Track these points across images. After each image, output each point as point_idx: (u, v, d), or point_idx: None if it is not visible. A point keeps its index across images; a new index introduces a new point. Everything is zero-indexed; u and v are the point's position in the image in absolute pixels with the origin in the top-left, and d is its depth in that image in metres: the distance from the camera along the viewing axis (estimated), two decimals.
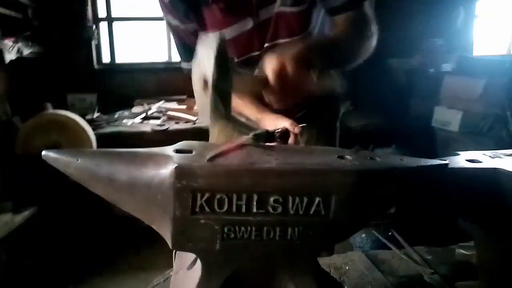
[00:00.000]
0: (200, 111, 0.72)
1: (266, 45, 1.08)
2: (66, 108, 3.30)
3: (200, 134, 2.85)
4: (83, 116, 3.16)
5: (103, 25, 3.61)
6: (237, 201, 0.65)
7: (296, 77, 0.76)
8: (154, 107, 3.29)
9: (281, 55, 0.77)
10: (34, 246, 2.29)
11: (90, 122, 3.02)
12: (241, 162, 0.68)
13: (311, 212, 0.67)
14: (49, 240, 2.38)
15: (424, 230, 1.56)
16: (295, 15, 1.02)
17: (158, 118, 3.16)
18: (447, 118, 2.84)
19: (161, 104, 3.40)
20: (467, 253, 1.19)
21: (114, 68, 3.65)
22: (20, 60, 2.78)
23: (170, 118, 3.15)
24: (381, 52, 1.08)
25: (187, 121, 3.05)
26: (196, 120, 3.03)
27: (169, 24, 1.15)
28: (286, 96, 0.80)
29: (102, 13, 3.58)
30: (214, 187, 0.64)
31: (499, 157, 0.96)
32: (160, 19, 3.59)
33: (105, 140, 2.72)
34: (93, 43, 3.47)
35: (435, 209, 1.05)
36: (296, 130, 0.91)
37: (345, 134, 1.50)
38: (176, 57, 3.78)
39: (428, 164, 0.78)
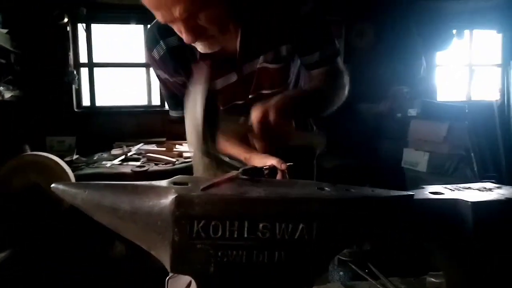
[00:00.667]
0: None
1: (250, 96, 1.18)
2: (45, 150, 3.31)
3: (179, 174, 2.92)
4: (61, 157, 3.17)
5: (84, 70, 3.70)
6: (230, 227, 0.73)
7: (277, 125, 0.87)
8: (134, 149, 3.33)
9: (264, 105, 0.88)
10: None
11: (69, 163, 3.02)
12: (233, 192, 0.77)
13: (296, 237, 0.76)
14: (25, 282, 2.32)
15: (399, 262, 1.64)
16: (276, 70, 1.12)
17: (137, 159, 3.19)
18: (415, 159, 3.01)
19: (141, 146, 3.45)
20: (436, 281, 1.28)
21: (93, 111, 3.71)
22: (0, 102, 2.81)
23: (150, 159, 3.18)
24: (352, 98, 1.21)
25: (167, 162, 3.10)
26: (175, 161, 3.09)
27: (158, 77, 1.22)
28: (268, 142, 0.90)
29: (83, 58, 3.68)
30: (210, 214, 0.72)
31: (459, 190, 1.08)
32: (140, 65, 3.73)
33: (85, 180, 2.73)
34: (74, 87, 3.54)
35: (404, 237, 1.14)
36: (283, 167, 1.01)
37: (320, 174, 1.61)
38: (155, 101, 3.89)
39: (396, 194, 0.89)
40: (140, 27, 3.77)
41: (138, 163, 3.11)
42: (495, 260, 0.99)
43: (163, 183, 0.82)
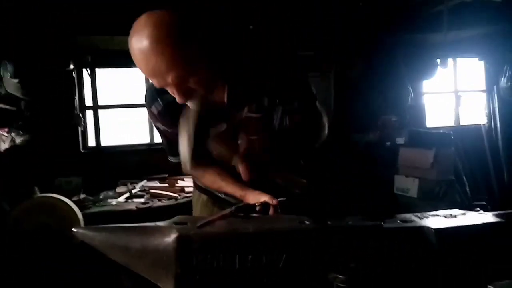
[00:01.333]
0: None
1: (238, 141, 1.34)
2: (53, 191, 3.46)
3: (182, 209, 3.11)
4: (69, 197, 3.31)
5: (89, 113, 3.90)
6: (224, 260, 0.90)
7: (258, 155, 1.04)
8: (138, 186, 3.48)
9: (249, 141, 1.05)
10: None
11: (77, 203, 3.17)
12: (225, 229, 0.94)
13: (280, 265, 0.92)
14: None
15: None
16: (259, 118, 1.26)
17: (142, 196, 3.34)
18: (406, 185, 3.15)
19: (144, 183, 3.60)
20: None
21: (99, 151, 3.88)
22: (11, 147, 2.99)
23: (153, 196, 3.33)
24: (342, 128, 1.38)
25: (170, 197, 3.24)
26: (177, 196, 3.23)
27: (158, 129, 1.36)
28: (249, 169, 1.07)
29: (88, 101, 3.89)
30: (206, 250, 0.89)
31: (426, 217, 1.22)
32: (142, 105, 3.91)
33: (93, 219, 2.87)
34: (80, 129, 3.73)
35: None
36: (274, 202, 1.16)
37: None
38: (157, 139, 4.07)
39: (368, 224, 1.05)
40: None
41: (142, 200, 3.25)
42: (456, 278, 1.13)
43: (167, 223, 0.98)
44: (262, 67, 1.24)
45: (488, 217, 1.20)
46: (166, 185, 3.51)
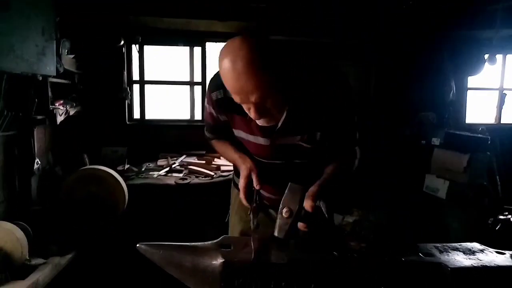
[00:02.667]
0: (281, 228, 1.16)
1: (283, 162, 1.46)
2: (100, 159, 3.74)
3: (217, 187, 3.32)
4: (114, 166, 3.57)
5: (136, 87, 4.10)
6: (261, 284, 1.06)
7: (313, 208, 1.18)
8: (177, 161, 3.70)
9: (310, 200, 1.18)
10: (74, 286, 2.65)
11: (121, 172, 3.42)
12: (263, 259, 1.09)
13: None
14: (87, 281, 2.74)
15: None
16: (309, 149, 1.39)
17: (180, 171, 3.56)
18: (436, 185, 3.20)
19: (183, 158, 3.81)
20: None
21: (143, 124, 4.11)
22: (65, 119, 3.23)
23: (191, 172, 3.54)
24: (380, 120, 1.49)
25: (206, 175, 3.44)
26: (213, 175, 3.43)
27: (207, 109, 1.50)
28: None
29: (136, 76, 4.08)
30: (246, 275, 1.05)
31: (446, 252, 1.33)
32: (185, 83, 4.07)
33: (136, 190, 3.11)
34: (127, 102, 3.94)
35: None
36: (257, 187, 1.32)
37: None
38: (197, 116, 4.24)
39: (391, 260, 1.18)
40: (186, 48, 4.13)
41: (180, 175, 3.47)
42: None
43: (214, 245, 1.15)
44: (320, 106, 1.32)
45: (505, 259, 1.29)
46: (203, 162, 3.70)
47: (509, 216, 3.41)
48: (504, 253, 1.34)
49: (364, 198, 3.37)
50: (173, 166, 3.62)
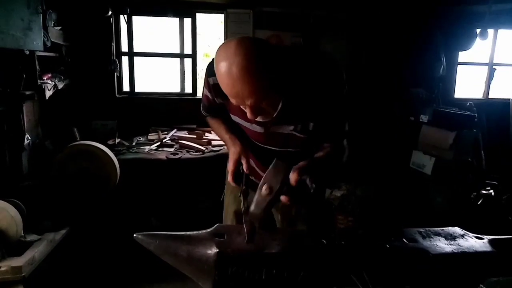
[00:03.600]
0: (257, 205, 1.18)
1: (277, 149, 1.49)
2: (90, 132, 3.73)
3: (208, 163, 3.37)
4: (105, 140, 3.58)
5: (125, 59, 4.03)
6: (253, 272, 1.11)
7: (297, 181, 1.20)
8: (168, 136, 3.71)
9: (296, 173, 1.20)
10: (69, 261, 2.71)
11: (112, 147, 3.43)
12: (255, 249, 1.14)
13: (298, 279, 1.13)
14: (81, 255, 2.80)
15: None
16: (302, 138, 1.42)
17: (171, 146, 3.57)
18: (422, 162, 3.28)
19: (174, 132, 3.82)
20: None
21: (133, 97, 4.07)
22: (54, 93, 3.19)
23: (182, 146, 3.55)
24: (370, 98, 1.52)
25: (197, 150, 3.46)
26: (205, 150, 3.45)
27: (204, 91, 1.52)
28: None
29: (124, 48, 4.01)
30: (239, 264, 1.10)
31: (429, 237, 1.40)
32: (175, 55, 4.01)
33: (127, 165, 3.14)
34: (116, 74, 3.89)
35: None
36: (246, 171, 1.36)
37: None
38: (187, 89, 4.21)
39: (376, 246, 1.24)
40: (176, 20, 4.04)
41: (172, 150, 3.49)
42: None
43: (208, 234, 1.19)
44: (313, 99, 1.34)
45: (483, 244, 1.36)
46: (194, 136, 3.71)
47: (491, 191, 3.53)
48: (483, 238, 1.41)
49: (352, 173, 3.45)
50: (164, 140, 3.63)
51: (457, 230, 1.47)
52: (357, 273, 1.23)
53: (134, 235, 1.16)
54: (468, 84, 4.77)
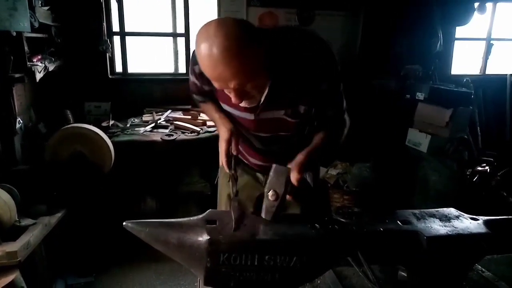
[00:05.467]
0: (267, 211, 1.17)
1: (268, 134, 1.47)
2: (83, 114, 3.69)
3: (203, 144, 3.35)
4: (99, 122, 3.54)
5: (116, 39, 3.94)
6: (245, 258, 1.11)
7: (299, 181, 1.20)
8: (163, 117, 3.67)
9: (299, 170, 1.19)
10: (65, 241, 2.73)
11: (106, 129, 3.40)
12: (248, 234, 1.12)
13: (291, 265, 1.13)
14: (77, 236, 2.81)
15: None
16: (293, 122, 1.39)
17: (166, 127, 3.54)
18: (418, 139, 3.27)
19: (169, 113, 3.78)
20: (405, 275, 1.64)
21: (126, 78, 4.00)
22: (45, 75, 3.13)
23: (177, 127, 3.52)
24: (365, 73, 1.49)
25: (192, 131, 3.43)
26: (200, 130, 3.42)
27: (192, 79, 1.49)
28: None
29: (115, 28, 3.91)
30: (231, 250, 1.09)
31: (423, 219, 1.39)
32: (168, 34, 3.93)
33: (122, 147, 3.11)
34: (108, 55, 3.81)
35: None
36: (234, 152, 1.34)
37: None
38: (181, 69, 4.14)
39: (370, 230, 1.23)
40: None
41: (166, 131, 3.46)
42: (443, 279, 1.33)
43: (199, 221, 1.18)
44: (304, 82, 1.30)
45: (478, 225, 1.35)
46: (189, 117, 3.68)
47: (486, 168, 3.53)
48: (478, 219, 1.40)
49: (348, 151, 3.43)
50: (158, 121, 3.60)
51: (452, 211, 1.46)
52: (352, 254, 1.23)
53: (124, 223, 1.14)
54: (464, 60, 4.71)
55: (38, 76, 2.97)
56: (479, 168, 3.49)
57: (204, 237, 1.08)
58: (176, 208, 3.54)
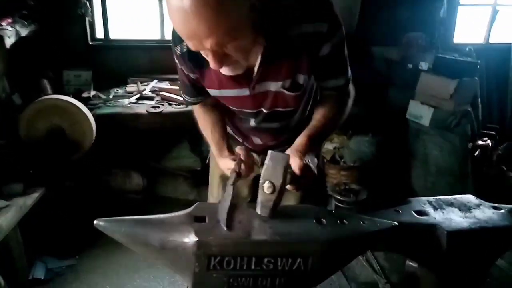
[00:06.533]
0: (263, 205, 0.98)
1: (265, 110, 1.28)
2: (62, 84, 3.43)
3: (192, 116, 3.11)
4: (79, 92, 3.30)
5: (97, 1, 3.62)
6: (240, 262, 0.93)
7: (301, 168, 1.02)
8: (148, 87, 3.43)
9: (299, 163, 1.03)
10: (44, 222, 2.55)
11: (87, 100, 3.17)
12: (244, 234, 0.94)
13: (294, 268, 0.95)
14: (56, 217, 2.63)
15: None
16: (292, 96, 1.22)
17: (152, 98, 3.31)
18: (419, 112, 3.09)
19: (155, 83, 3.53)
20: (414, 265, 1.50)
21: (108, 45, 3.71)
22: (17, 41, 2.86)
23: (164, 99, 3.30)
24: (365, 40, 1.31)
25: (181, 103, 3.21)
26: None
27: (177, 65, 1.31)
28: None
29: None
30: (224, 253, 0.91)
31: (442, 209, 1.23)
32: None
33: (104, 120, 2.90)
34: (87, 19, 3.51)
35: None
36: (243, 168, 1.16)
37: None
38: (168, 35, 3.86)
39: (384, 227, 1.05)
40: None
41: (152, 103, 3.24)
42: (466, 280, 1.18)
43: (184, 217, 0.99)
44: (303, 47, 1.12)
45: (502, 216, 1.19)
46: (177, 88, 3.44)
47: (488, 142, 3.39)
48: (501, 209, 1.24)
49: (344, 124, 3.25)
50: (143, 92, 3.36)
51: (471, 198, 1.29)
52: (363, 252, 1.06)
53: (95, 222, 0.95)
54: (468, 28, 4.48)
55: (9, 42, 2.71)
56: (481, 142, 3.35)
57: (191, 238, 0.89)
58: (165, 184, 3.37)
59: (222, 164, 1.28)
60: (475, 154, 3.26)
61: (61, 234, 2.62)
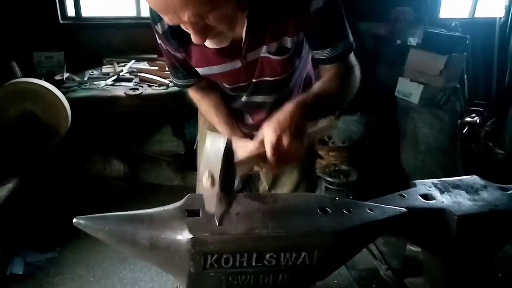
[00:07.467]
0: (207, 200, 0.82)
1: (253, 80, 1.18)
2: (33, 67, 3.22)
3: (174, 99, 2.96)
4: (51, 75, 3.10)
5: None
6: (240, 258, 0.83)
7: (291, 148, 0.90)
8: (126, 68, 3.25)
9: (276, 129, 0.89)
10: (21, 214, 2.40)
11: (61, 83, 2.98)
12: (243, 228, 0.84)
13: (298, 262, 0.86)
14: (34, 208, 2.49)
15: None
16: (278, 61, 1.11)
17: (130, 80, 3.14)
18: (408, 89, 3.02)
19: (132, 64, 3.36)
20: (415, 249, 1.45)
21: (80, 23, 3.49)
22: None
23: (143, 80, 3.13)
24: (351, 15, 1.19)
25: (161, 84, 3.06)
26: (169, 84, 3.05)
27: (161, 46, 1.21)
28: (281, 164, 0.94)
29: None
30: (222, 250, 0.81)
31: (448, 192, 1.15)
32: None
33: (80, 105, 2.74)
34: None
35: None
36: (264, 152, 0.95)
37: None
38: (144, 12, 3.66)
39: (392, 214, 0.97)
40: None
41: (131, 84, 3.07)
42: (473, 265, 1.12)
43: (176, 212, 0.88)
44: (291, 2, 1.01)
45: (511, 198, 1.13)
46: (156, 68, 3.28)
47: (476, 118, 3.37)
48: (508, 190, 1.18)
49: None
50: (121, 73, 3.18)
51: (476, 179, 1.23)
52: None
53: (74, 221, 0.83)
54: (453, 2, 4.41)
55: None
56: (468, 119, 3.33)
57: (184, 236, 0.79)
58: (147, 170, 3.25)
59: (240, 146, 1.08)
60: (463, 131, 3.24)
61: (39, 226, 2.48)
